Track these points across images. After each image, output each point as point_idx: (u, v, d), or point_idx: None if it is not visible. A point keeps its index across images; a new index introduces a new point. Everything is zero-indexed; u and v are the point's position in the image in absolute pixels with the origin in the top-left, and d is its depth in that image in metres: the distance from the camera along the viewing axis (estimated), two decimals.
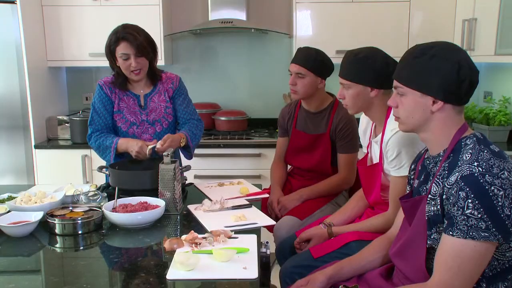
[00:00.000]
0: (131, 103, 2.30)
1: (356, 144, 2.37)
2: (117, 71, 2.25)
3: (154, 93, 2.34)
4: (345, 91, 1.82)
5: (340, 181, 2.39)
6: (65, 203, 1.89)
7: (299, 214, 2.29)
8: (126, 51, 2.15)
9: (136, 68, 2.18)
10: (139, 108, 2.31)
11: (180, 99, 2.38)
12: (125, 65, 2.18)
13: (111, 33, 2.21)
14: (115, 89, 2.29)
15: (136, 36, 2.16)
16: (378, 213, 1.87)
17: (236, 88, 3.85)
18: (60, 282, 1.34)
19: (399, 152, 1.69)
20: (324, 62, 2.36)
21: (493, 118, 3.02)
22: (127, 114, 2.29)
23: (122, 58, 2.17)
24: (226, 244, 1.54)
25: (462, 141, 1.30)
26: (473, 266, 1.21)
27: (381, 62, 1.74)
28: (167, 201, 1.86)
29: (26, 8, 3.15)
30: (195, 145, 2.37)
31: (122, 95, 2.30)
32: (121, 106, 2.30)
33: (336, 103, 2.42)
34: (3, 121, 3.21)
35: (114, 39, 2.17)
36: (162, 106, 2.34)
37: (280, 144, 2.61)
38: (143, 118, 2.31)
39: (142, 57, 2.19)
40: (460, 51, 1.30)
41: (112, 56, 2.21)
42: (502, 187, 1.17)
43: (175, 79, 2.40)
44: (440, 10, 3.29)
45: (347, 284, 1.53)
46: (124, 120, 2.29)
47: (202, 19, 3.69)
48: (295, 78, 2.34)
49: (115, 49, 2.17)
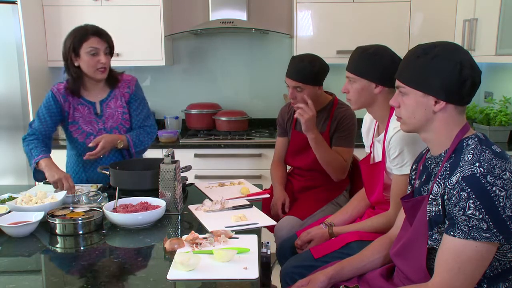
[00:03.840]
0: (86, 112, 2.23)
1: (351, 141, 2.37)
2: (73, 74, 2.17)
3: (110, 99, 2.27)
4: (349, 86, 1.83)
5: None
6: (65, 203, 1.89)
7: (299, 214, 2.29)
8: (96, 45, 2.11)
9: (104, 65, 2.14)
10: (95, 117, 2.24)
11: (136, 103, 2.32)
12: (92, 62, 2.12)
13: (73, 31, 2.15)
14: (68, 97, 2.21)
15: (105, 33, 2.16)
16: (379, 213, 1.87)
17: (237, 89, 3.85)
18: (61, 282, 1.34)
19: (402, 150, 1.69)
20: (319, 72, 2.31)
21: (494, 118, 3.02)
22: (83, 124, 2.23)
23: (91, 53, 2.11)
24: (226, 244, 1.54)
25: (463, 141, 1.30)
26: (474, 266, 1.20)
27: (388, 60, 1.75)
28: (168, 201, 1.86)
29: (26, 8, 3.15)
30: (138, 153, 2.33)
31: (76, 104, 2.22)
32: (76, 116, 2.22)
33: (335, 101, 2.42)
34: (4, 121, 3.21)
35: (81, 34, 2.11)
36: (119, 112, 2.27)
37: (279, 144, 2.60)
38: (99, 126, 2.24)
39: (109, 56, 2.17)
40: (462, 51, 1.30)
41: (74, 54, 2.13)
42: (503, 188, 1.17)
43: (131, 82, 2.32)
44: (441, 10, 3.29)
45: (347, 284, 1.53)
46: (80, 131, 2.23)
47: (202, 19, 3.69)
48: (294, 92, 2.32)
49: (82, 45, 2.11)
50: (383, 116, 1.82)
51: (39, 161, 2.08)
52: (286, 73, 2.34)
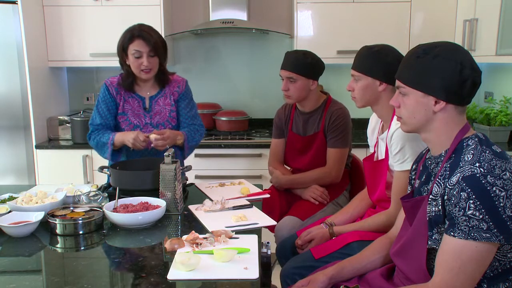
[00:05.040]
0: (135, 105, 2.30)
1: (346, 141, 2.37)
2: (127, 69, 2.25)
3: (159, 96, 2.34)
4: (354, 84, 1.85)
5: (323, 174, 2.38)
6: (66, 203, 1.89)
7: (300, 215, 2.29)
8: (140, 48, 2.16)
9: (147, 68, 2.19)
10: (144, 111, 2.31)
11: (185, 102, 2.38)
12: (136, 63, 2.19)
13: (125, 30, 2.22)
14: (121, 90, 2.29)
15: (152, 35, 2.19)
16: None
17: (237, 88, 3.85)
18: (61, 282, 1.33)
19: (403, 146, 1.70)
20: (313, 63, 2.34)
21: (494, 119, 3.02)
22: (131, 116, 2.30)
23: (135, 56, 2.17)
24: (227, 244, 1.54)
25: (464, 141, 1.30)
26: (474, 266, 1.20)
27: (393, 58, 1.76)
28: (168, 201, 1.86)
29: (27, 8, 3.15)
30: (191, 148, 2.37)
31: (127, 97, 2.30)
32: (126, 108, 2.30)
33: (328, 100, 2.42)
34: (4, 121, 3.21)
35: (129, 36, 2.18)
36: (167, 109, 2.34)
37: (275, 145, 2.59)
38: (146, 121, 2.31)
39: (155, 57, 2.20)
40: (463, 51, 1.30)
41: (124, 53, 2.21)
42: (503, 188, 1.17)
43: (181, 82, 2.40)
44: (441, 10, 3.29)
45: (348, 284, 1.53)
46: (127, 122, 2.30)
47: (203, 19, 3.69)
48: (287, 83, 2.35)
49: (129, 46, 2.18)
50: (387, 115, 1.83)
51: (114, 139, 2.18)
52: (281, 66, 2.36)
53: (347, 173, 2.52)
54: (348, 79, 1.95)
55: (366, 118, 2.12)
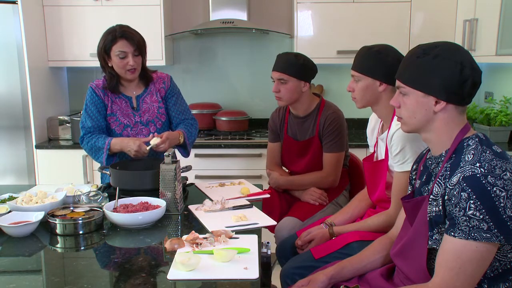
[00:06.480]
0: (123, 105, 2.30)
1: (341, 145, 2.36)
2: (109, 72, 2.24)
3: (146, 94, 2.33)
4: (354, 84, 1.84)
5: (320, 178, 2.38)
6: (66, 203, 1.89)
7: (300, 215, 2.29)
8: (124, 49, 2.16)
9: (132, 67, 2.19)
10: (132, 110, 2.30)
11: (173, 99, 2.38)
12: (121, 64, 2.18)
13: (105, 32, 2.21)
14: (107, 92, 2.28)
15: (134, 34, 2.19)
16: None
17: (237, 89, 3.85)
18: (61, 282, 1.33)
19: (403, 147, 1.69)
20: (305, 64, 2.32)
21: (494, 119, 3.02)
22: (121, 116, 2.29)
23: (120, 57, 2.16)
24: (227, 244, 1.54)
25: (464, 141, 1.30)
26: (474, 267, 1.20)
27: (393, 58, 1.76)
28: (168, 201, 1.86)
29: (27, 8, 3.15)
30: (191, 143, 2.38)
31: (114, 98, 2.29)
32: (114, 109, 2.29)
33: (322, 104, 2.41)
34: (4, 121, 3.21)
35: (110, 37, 2.17)
36: (155, 106, 2.33)
37: (271, 149, 2.58)
38: (136, 119, 2.31)
39: (139, 56, 2.20)
40: (463, 51, 1.30)
41: (106, 55, 2.20)
42: (504, 188, 1.17)
43: (166, 78, 2.39)
44: (441, 10, 3.29)
45: (348, 284, 1.53)
46: (117, 122, 2.29)
47: (203, 19, 3.69)
48: (278, 85, 2.33)
49: (112, 47, 2.17)
50: (387, 115, 1.82)
51: (110, 143, 2.17)
52: (273, 68, 2.37)
53: (346, 172, 2.52)
54: (348, 79, 1.95)
55: (366, 118, 2.12)
